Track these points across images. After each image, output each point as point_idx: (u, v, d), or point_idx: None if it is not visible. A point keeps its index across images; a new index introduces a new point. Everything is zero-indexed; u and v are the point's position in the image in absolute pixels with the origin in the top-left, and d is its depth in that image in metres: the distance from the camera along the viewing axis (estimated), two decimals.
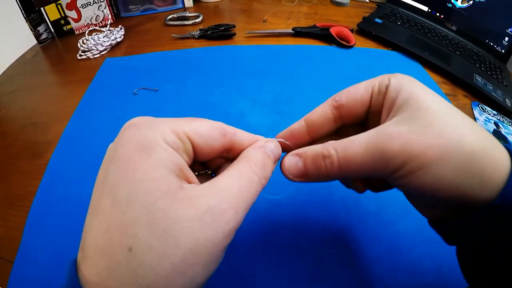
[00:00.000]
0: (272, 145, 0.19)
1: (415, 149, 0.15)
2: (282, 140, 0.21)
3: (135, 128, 0.15)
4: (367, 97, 0.19)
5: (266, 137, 0.20)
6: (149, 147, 0.14)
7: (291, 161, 0.19)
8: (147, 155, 0.14)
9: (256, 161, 0.17)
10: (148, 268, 0.12)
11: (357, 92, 0.20)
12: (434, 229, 0.20)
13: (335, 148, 0.17)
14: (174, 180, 0.14)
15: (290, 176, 0.19)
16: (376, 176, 0.17)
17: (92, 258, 0.13)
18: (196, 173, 0.18)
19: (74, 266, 0.14)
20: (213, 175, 0.20)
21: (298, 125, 0.22)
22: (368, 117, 0.20)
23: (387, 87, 0.18)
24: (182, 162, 0.15)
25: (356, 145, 0.17)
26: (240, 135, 0.18)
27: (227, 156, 0.19)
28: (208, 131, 0.16)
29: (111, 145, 0.16)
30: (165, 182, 0.14)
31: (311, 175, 0.18)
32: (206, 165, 0.20)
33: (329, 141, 0.18)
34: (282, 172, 0.19)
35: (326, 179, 0.18)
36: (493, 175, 0.15)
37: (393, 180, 0.16)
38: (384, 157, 0.16)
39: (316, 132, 0.21)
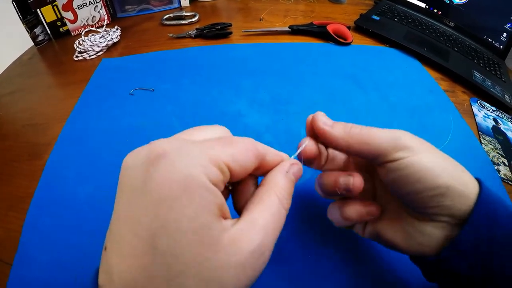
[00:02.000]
0: (295, 169, 0.19)
1: (418, 143, 0.20)
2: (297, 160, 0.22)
3: (170, 162, 0.13)
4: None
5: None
6: (192, 189, 0.13)
7: (324, 117, 0.22)
8: (190, 199, 0.13)
9: (284, 192, 0.17)
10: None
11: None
12: (418, 265, 0.22)
13: (357, 126, 0.21)
14: (218, 225, 0.14)
15: (320, 123, 0.22)
16: (382, 156, 0.20)
17: None
18: None
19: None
20: (230, 187, 0.20)
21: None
22: None
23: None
24: (223, 200, 0.15)
25: (375, 128, 0.21)
26: (271, 156, 0.19)
27: (253, 173, 0.19)
28: (244, 157, 0.16)
29: (136, 173, 0.14)
30: (210, 230, 0.13)
31: (338, 130, 0.21)
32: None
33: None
34: (314, 119, 0.22)
35: (342, 140, 0.21)
36: (471, 184, 0.19)
37: (397, 163, 0.19)
38: (398, 143, 0.19)
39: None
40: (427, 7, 0.70)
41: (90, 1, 0.63)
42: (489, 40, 0.63)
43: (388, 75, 0.53)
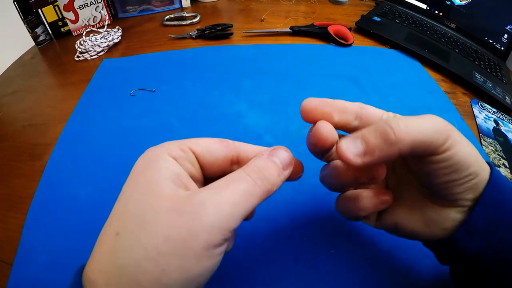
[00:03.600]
0: (279, 152, 0.19)
1: (454, 132, 0.18)
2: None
3: (151, 148, 0.18)
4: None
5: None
6: (153, 159, 0.17)
7: (348, 141, 0.17)
8: (149, 165, 0.17)
9: (255, 167, 0.17)
10: (127, 251, 0.14)
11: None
12: (430, 248, 0.22)
13: (396, 122, 0.17)
14: (167, 184, 0.16)
15: (351, 156, 0.17)
16: (431, 151, 0.17)
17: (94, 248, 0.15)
18: None
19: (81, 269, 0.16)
20: None
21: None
22: None
23: None
24: (181, 171, 0.17)
25: (414, 118, 0.17)
26: (245, 146, 0.20)
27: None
28: (208, 142, 0.19)
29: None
30: (157, 185, 0.15)
31: (376, 150, 0.17)
32: None
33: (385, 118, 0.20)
34: (342, 157, 0.17)
35: (389, 154, 0.17)
36: (486, 168, 0.19)
37: (436, 153, 0.17)
38: (444, 135, 0.17)
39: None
40: (428, 8, 0.70)
41: (91, 2, 0.63)
42: (490, 41, 0.63)
43: (389, 77, 0.53)
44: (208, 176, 0.19)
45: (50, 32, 0.63)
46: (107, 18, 0.67)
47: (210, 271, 0.15)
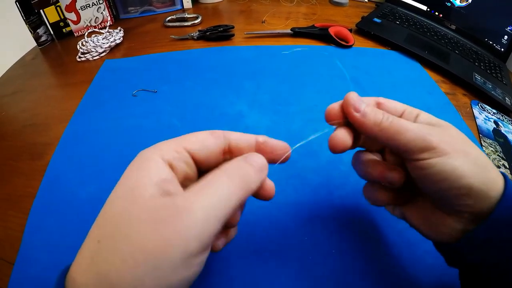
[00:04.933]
0: (254, 157, 0.19)
1: (446, 143, 0.19)
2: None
3: (144, 151, 0.18)
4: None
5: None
6: (142, 164, 0.17)
7: (355, 101, 0.21)
8: (137, 170, 0.17)
9: (234, 172, 0.18)
10: (107, 258, 0.14)
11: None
12: (439, 251, 0.23)
13: (388, 118, 0.20)
14: (152, 191, 0.15)
15: (351, 109, 0.21)
16: (408, 154, 0.20)
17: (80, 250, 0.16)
18: None
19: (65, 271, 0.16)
20: None
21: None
22: None
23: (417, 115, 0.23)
24: (169, 175, 0.17)
25: (408, 122, 0.20)
26: (235, 135, 0.20)
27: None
28: (202, 138, 0.19)
29: None
30: (140, 192, 0.15)
31: (368, 120, 0.20)
32: None
33: None
34: (345, 102, 0.22)
35: (372, 131, 0.21)
36: (494, 183, 0.19)
37: (423, 160, 0.19)
38: (425, 144, 0.19)
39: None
40: (428, 9, 0.71)
41: (93, 2, 0.63)
42: (490, 42, 0.63)
43: (389, 78, 0.54)
44: (202, 169, 0.20)
45: (52, 33, 0.64)
46: (109, 19, 0.67)
47: (188, 282, 0.15)
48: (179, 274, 0.14)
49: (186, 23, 0.68)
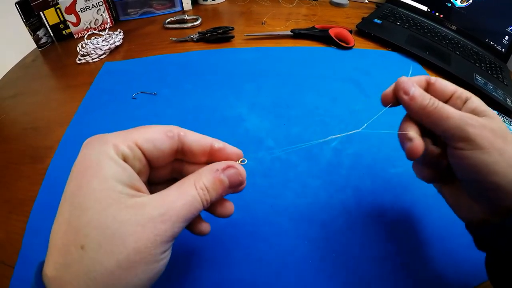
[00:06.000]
0: (232, 171, 0.20)
1: (484, 137, 0.20)
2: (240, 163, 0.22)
3: (90, 145, 0.17)
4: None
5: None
6: (101, 161, 0.16)
7: (405, 84, 0.23)
8: (99, 169, 0.16)
9: (203, 184, 0.18)
10: (98, 264, 0.15)
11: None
12: (470, 232, 0.24)
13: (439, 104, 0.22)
14: (124, 190, 0.16)
15: (401, 92, 0.23)
16: (446, 139, 0.21)
17: (52, 256, 0.15)
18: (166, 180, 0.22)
19: (41, 265, 0.16)
20: None
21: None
22: None
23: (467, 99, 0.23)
24: (132, 174, 0.17)
25: (452, 109, 0.21)
26: (191, 136, 0.20)
27: (187, 160, 0.21)
28: (154, 135, 0.19)
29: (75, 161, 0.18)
30: (115, 192, 0.16)
31: (415, 101, 0.22)
32: (178, 170, 0.22)
33: None
34: (397, 82, 0.24)
35: (417, 113, 0.22)
36: None
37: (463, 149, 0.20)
38: (463, 133, 0.20)
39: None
40: (429, 10, 0.70)
41: (93, 4, 0.63)
42: (491, 43, 0.63)
43: (390, 79, 0.52)
44: (153, 167, 0.20)
45: (52, 35, 0.64)
46: (108, 21, 0.67)
47: (163, 268, 0.17)
48: (160, 264, 0.17)
49: (185, 25, 0.68)
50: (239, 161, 0.21)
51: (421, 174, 0.26)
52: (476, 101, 0.22)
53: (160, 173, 0.21)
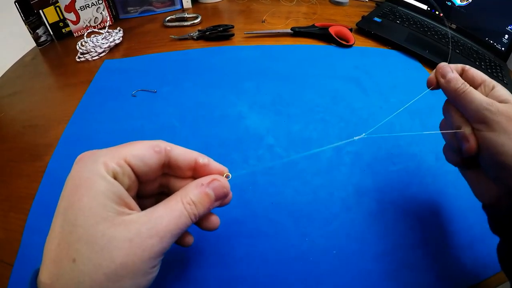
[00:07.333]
0: (216, 184, 0.20)
1: (499, 122, 0.22)
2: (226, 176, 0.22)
3: (82, 163, 0.18)
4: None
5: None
6: (92, 179, 0.17)
7: (446, 67, 0.26)
8: (89, 187, 0.17)
9: (190, 199, 0.19)
10: (87, 276, 0.16)
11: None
12: (486, 212, 0.26)
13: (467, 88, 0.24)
14: (113, 207, 0.17)
15: (438, 74, 0.26)
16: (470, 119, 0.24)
17: (47, 266, 0.16)
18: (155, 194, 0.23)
19: (36, 273, 0.17)
20: None
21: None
22: None
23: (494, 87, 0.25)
24: (122, 191, 0.18)
25: (477, 94, 0.24)
26: (177, 150, 0.21)
27: (173, 174, 0.22)
28: (141, 151, 0.19)
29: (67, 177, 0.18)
30: (104, 209, 0.17)
31: (450, 84, 0.25)
32: (166, 185, 0.23)
33: None
34: (437, 67, 0.27)
35: (451, 95, 0.25)
36: None
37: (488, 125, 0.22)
38: (482, 115, 0.23)
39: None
40: (429, 9, 0.70)
41: (92, 2, 0.63)
42: (491, 42, 0.63)
43: (390, 77, 0.53)
44: (141, 181, 0.21)
45: (51, 33, 0.63)
46: (108, 19, 0.67)
47: (151, 281, 0.18)
48: (148, 278, 0.18)
49: (185, 23, 0.68)
50: (225, 176, 0.22)
51: (451, 159, 0.28)
52: (501, 90, 0.24)
53: (148, 187, 0.22)
